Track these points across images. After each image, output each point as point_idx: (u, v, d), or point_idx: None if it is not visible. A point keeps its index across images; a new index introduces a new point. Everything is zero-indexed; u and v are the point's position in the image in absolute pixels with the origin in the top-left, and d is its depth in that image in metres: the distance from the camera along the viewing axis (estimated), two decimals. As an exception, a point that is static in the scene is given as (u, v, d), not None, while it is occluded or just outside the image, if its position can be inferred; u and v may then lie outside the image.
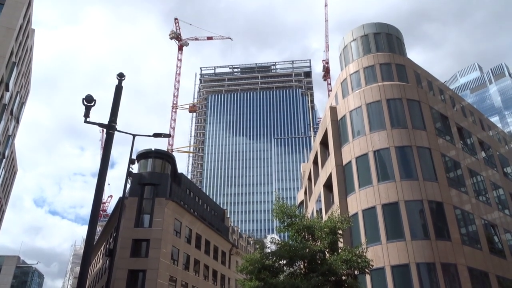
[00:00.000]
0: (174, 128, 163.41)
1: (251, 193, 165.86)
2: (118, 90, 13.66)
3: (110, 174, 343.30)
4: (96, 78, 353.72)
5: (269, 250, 24.21)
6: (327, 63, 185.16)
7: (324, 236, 23.09)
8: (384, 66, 35.29)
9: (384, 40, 37.25)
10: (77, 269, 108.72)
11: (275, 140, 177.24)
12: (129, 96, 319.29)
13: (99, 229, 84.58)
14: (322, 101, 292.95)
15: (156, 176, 47.64)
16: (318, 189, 38.16)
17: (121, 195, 28.06)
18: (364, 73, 35.59)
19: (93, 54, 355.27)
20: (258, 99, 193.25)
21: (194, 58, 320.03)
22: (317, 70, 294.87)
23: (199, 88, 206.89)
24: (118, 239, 41.12)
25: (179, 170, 56.22)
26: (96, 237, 59.89)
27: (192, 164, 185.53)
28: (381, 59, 35.63)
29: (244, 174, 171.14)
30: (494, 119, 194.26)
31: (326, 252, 22.96)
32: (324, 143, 38.09)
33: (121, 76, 13.83)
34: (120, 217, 25.36)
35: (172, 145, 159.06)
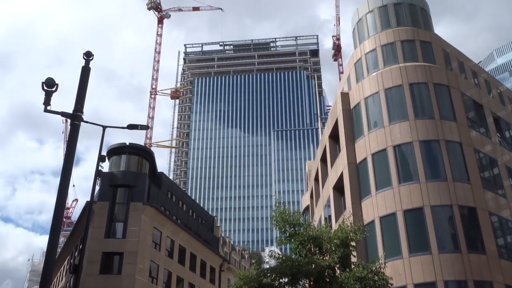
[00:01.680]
0: (152, 118, 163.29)
1: (246, 196, 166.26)
2: (85, 72, 13.63)
3: (75, 173, 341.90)
4: (59, 56, 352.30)
5: (268, 266, 24.29)
6: (338, 39, 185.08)
7: (334, 249, 23.16)
8: (406, 43, 35.31)
9: (406, 12, 37.25)
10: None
11: (275, 132, 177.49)
12: (99, 79, 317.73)
13: (62, 240, 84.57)
14: (332, 85, 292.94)
15: (131, 176, 47.56)
16: (327, 192, 38.24)
17: (89, 199, 28.05)
18: (382, 51, 35.61)
19: (55, 27, 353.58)
20: (254, 83, 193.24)
21: (177, 33, 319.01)
22: (326, 47, 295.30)
23: (183, 69, 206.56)
24: (85, 252, 41.12)
25: (159, 169, 56.19)
26: (59, 250, 59.87)
27: (175, 162, 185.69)
28: (402, 35, 35.65)
29: (238, 174, 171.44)
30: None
31: (336, 268, 23.06)
32: (334, 136, 38.14)
33: (88, 55, 13.79)
34: (87, 225, 25.41)
35: (150, 138, 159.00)
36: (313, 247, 23.68)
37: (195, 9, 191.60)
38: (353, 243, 23.80)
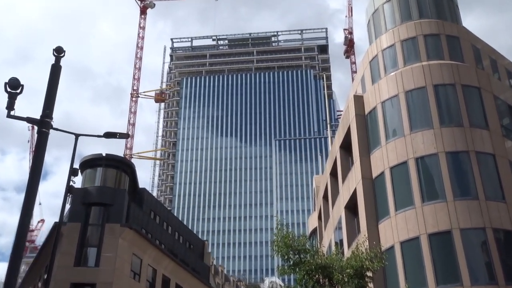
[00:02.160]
0: (133, 124, 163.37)
1: (243, 217, 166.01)
2: (55, 71, 13.62)
3: (43, 188, 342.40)
4: (24, 52, 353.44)
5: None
6: (350, 33, 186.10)
7: (346, 280, 23.03)
8: (430, 38, 35.41)
9: (430, 2, 37.42)
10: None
11: (277, 142, 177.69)
12: (71, 78, 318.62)
13: (23, 268, 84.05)
14: (343, 86, 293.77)
15: (107, 192, 47.42)
16: (338, 212, 38.13)
17: (57, 220, 27.93)
18: (402, 48, 35.70)
19: (20, 16, 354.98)
20: (252, 83, 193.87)
21: (162, 25, 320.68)
22: (336, 42, 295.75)
23: (169, 67, 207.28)
24: (51, 283, 40.88)
25: (141, 184, 55.97)
26: (20, 280, 59.53)
27: (159, 176, 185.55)
28: (426, 29, 35.76)
29: (233, 191, 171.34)
30: None
31: (349, 303, 22.92)
32: (345, 147, 38.11)
33: (59, 51, 13.78)
34: (54, 251, 25.25)
35: (130, 148, 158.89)
36: (322, 278, 23.55)
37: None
38: (369, 273, 23.67)
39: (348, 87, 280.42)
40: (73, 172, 23.70)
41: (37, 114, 13.11)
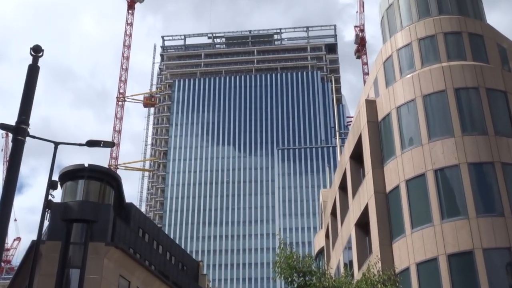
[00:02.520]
0: (119, 131, 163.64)
1: (241, 236, 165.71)
2: (33, 72, 13.73)
3: (18, 203, 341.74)
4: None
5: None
6: (362, 30, 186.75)
7: (356, 304, 23.06)
8: (451, 36, 35.55)
9: (451, -4, 37.62)
10: None
11: (279, 152, 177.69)
12: (49, 79, 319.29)
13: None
14: (354, 90, 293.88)
15: (90, 207, 47.42)
16: (348, 230, 38.13)
17: (35, 238, 27.92)
18: (419, 47, 35.83)
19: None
20: (253, 86, 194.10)
21: (151, 20, 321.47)
22: (346, 40, 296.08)
23: (159, 68, 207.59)
24: (29, 309, 40.83)
25: (128, 199, 56.01)
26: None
27: (148, 190, 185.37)
28: (446, 26, 35.91)
29: (230, 206, 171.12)
30: None
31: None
32: (356, 157, 38.15)
33: (37, 50, 13.88)
34: (32, 272, 25.25)
35: (116, 158, 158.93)
36: (329, 303, 23.55)
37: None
38: (381, 298, 23.65)
39: (359, 91, 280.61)
40: (52, 185, 23.77)
41: (11, 119, 13.20)
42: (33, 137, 18.43)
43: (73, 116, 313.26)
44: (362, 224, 35.09)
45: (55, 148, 23.28)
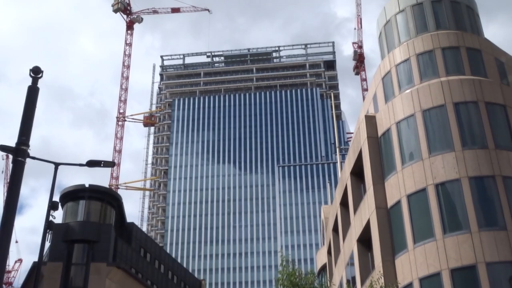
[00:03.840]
0: (120, 151, 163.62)
1: (243, 253, 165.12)
2: (32, 93, 13.73)
3: (19, 224, 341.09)
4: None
5: None
6: (360, 46, 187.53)
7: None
8: (449, 51, 35.65)
9: (448, 11, 37.76)
10: None
11: (280, 169, 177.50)
12: (48, 99, 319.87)
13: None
14: (353, 106, 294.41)
15: (91, 228, 47.33)
16: (350, 246, 37.99)
17: (36, 259, 27.80)
18: (418, 62, 35.92)
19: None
20: (252, 104, 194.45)
21: (150, 39, 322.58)
22: (344, 55, 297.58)
23: (159, 88, 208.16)
24: (31, 331, 40.62)
25: (129, 218, 55.96)
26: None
27: (150, 209, 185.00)
28: (444, 41, 36.04)
29: (232, 224, 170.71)
30: None
31: None
32: (357, 173, 38.12)
33: (36, 72, 13.89)
34: (33, 294, 25.09)
35: (117, 178, 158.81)
36: (333, 320, 23.40)
37: (175, 10, 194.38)
38: (385, 314, 23.52)
39: (358, 107, 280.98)
40: (52, 206, 23.71)
41: (11, 140, 13.16)
42: (34, 158, 18.41)
43: (72, 136, 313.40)
44: (364, 240, 35.00)
45: (56, 169, 23.25)
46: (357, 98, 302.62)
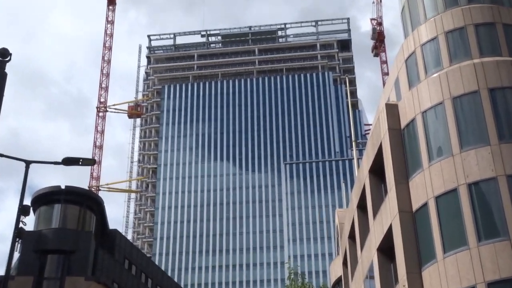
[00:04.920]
0: (101, 147, 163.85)
1: (244, 265, 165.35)
2: (0, 79, 13.73)
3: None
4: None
5: None
6: (380, 24, 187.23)
7: None
8: (483, 28, 35.53)
9: (482, -18, 37.67)
10: None
11: (287, 167, 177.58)
12: (17, 85, 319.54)
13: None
14: (372, 92, 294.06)
15: (68, 236, 47.37)
16: (369, 255, 38.00)
17: (3, 273, 27.79)
18: (447, 41, 35.80)
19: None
20: (254, 91, 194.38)
21: (135, 15, 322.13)
22: (362, 35, 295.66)
23: (146, 73, 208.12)
24: None
25: (112, 225, 55.95)
26: None
27: (136, 214, 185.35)
28: (477, 16, 35.90)
29: (231, 232, 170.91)
30: None
31: None
32: (377, 171, 38.06)
33: (4, 54, 13.92)
34: (1, 314, 25.13)
35: (98, 178, 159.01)
36: None
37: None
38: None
39: (378, 94, 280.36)
40: (23, 210, 23.73)
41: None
42: (1, 155, 18.45)
43: (46, 128, 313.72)
44: (386, 249, 34.98)
45: (27, 168, 23.24)
46: (376, 84, 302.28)
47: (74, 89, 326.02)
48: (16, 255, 42.35)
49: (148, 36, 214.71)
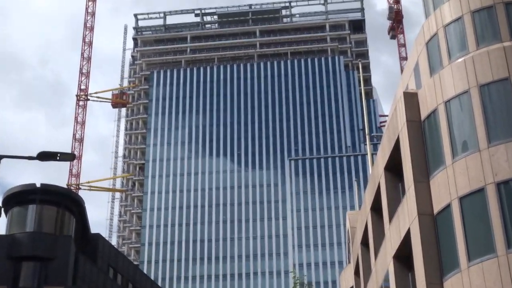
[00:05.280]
0: (81, 140, 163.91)
1: (243, 275, 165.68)
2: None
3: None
4: None
5: None
6: (397, 1, 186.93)
7: None
8: (513, 7, 35.52)
9: (513, -46, 37.60)
10: None
11: (292, 163, 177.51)
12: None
13: None
14: (388, 79, 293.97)
15: (44, 241, 47.42)
16: (384, 264, 38.06)
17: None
18: (473, 22, 35.75)
19: None
20: (255, 78, 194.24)
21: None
22: (377, 14, 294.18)
23: (132, 56, 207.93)
24: None
25: (94, 228, 56.05)
26: None
27: (121, 216, 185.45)
28: (508, -6, 35.86)
29: (229, 236, 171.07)
30: None
31: None
32: (393, 168, 38.08)
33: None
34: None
35: (78, 175, 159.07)
36: None
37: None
38: None
39: (395, 81, 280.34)
40: (-6, 212, 23.76)
41: None
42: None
43: (19, 118, 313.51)
44: (403, 257, 35.05)
45: (-3, 164, 23.29)
46: (393, 70, 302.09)
47: (51, 74, 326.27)
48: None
49: (135, 15, 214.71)
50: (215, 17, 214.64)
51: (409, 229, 33.92)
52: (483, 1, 36.05)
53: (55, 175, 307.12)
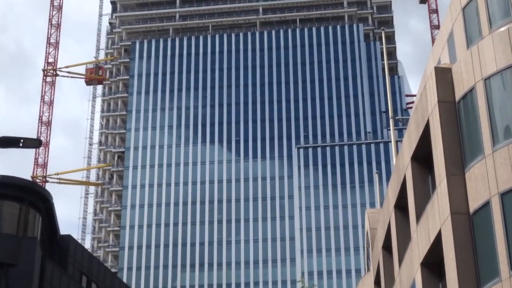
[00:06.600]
0: (49, 123, 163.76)
1: (243, 284, 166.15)
2: None
3: None
4: None
5: None
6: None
7: None
8: None
9: None
10: None
11: (301, 152, 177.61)
12: None
13: None
14: (417, 51, 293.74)
15: (5, 244, 47.62)
16: (410, 272, 38.18)
17: None
18: (519, -17, 35.76)
19: None
20: (257, 50, 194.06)
21: None
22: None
23: (110, 23, 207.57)
24: None
25: (65, 229, 56.17)
26: None
27: (96, 214, 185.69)
28: (561, -50, 35.82)
29: (225, 239, 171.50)
30: None
31: None
32: (421, 158, 38.16)
33: None
34: None
35: (45, 166, 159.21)
36: None
37: None
38: None
39: (425, 54, 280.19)
40: None
41: None
42: None
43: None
44: (433, 264, 35.17)
45: (-52, 150, 23.35)
46: (423, 41, 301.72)
47: (12, 43, 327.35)
48: None
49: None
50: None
51: (440, 231, 34.00)
52: (531, -43, 36.05)
53: (17, 165, 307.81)
